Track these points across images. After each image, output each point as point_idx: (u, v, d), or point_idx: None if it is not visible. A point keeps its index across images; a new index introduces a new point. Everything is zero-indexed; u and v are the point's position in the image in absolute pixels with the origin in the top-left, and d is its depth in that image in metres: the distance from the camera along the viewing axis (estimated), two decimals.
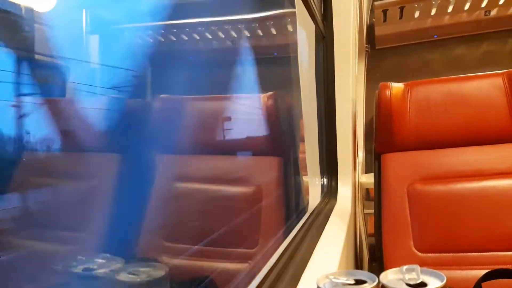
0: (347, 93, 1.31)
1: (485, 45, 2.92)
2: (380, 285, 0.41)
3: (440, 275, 0.40)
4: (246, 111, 1.38)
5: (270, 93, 1.36)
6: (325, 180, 1.33)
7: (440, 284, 0.38)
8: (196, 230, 1.19)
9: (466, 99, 1.23)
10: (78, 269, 0.50)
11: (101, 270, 0.51)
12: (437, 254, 1.07)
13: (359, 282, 0.42)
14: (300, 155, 1.46)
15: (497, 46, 2.89)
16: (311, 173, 1.34)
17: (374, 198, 1.29)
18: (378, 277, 0.43)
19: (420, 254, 1.08)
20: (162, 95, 1.31)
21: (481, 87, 1.24)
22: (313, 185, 1.33)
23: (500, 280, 0.85)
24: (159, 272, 0.51)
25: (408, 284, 0.40)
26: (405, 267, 0.42)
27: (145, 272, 0.51)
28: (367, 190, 2.18)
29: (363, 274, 0.43)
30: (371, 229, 1.32)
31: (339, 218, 1.11)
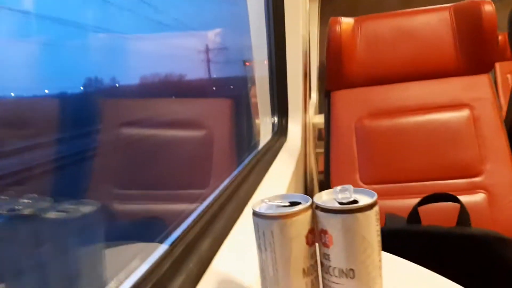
0: (297, 29, 1.27)
1: None
2: (314, 205, 0.41)
3: (371, 193, 0.40)
4: (193, 50, 1.32)
5: (217, 30, 1.29)
6: (276, 119, 1.32)
7: (371, 200, 0.38)
8: (147, 175, 1.17)
9: (414, 33, 1.23)
10: (2, 210, 0.47)
11: (27, 210, 0.48)
12: (381, 186, 1.11)
13: (293, 204, 0.42)
14: (253, 99, 1.44)
15: None
16: (262, 113, 1.32)
17: (325, 136, 1.30)
18: None
19: (365, 186, 1.12)
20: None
21: (428, 21, 1.24)
22: (264, 124, 1.32)
23: (435, 204, 0.90)
24: (89, 208, 0.49)
25: (340, 203, 0.40)
26: (339, 187, 0.42)
27: (75, 210, 0.48)
28: (320, 130, 2.21)
29: (297, 197, 0.43)
30: (322, 167, 1.34)
31: (288, 155, 1.11)
